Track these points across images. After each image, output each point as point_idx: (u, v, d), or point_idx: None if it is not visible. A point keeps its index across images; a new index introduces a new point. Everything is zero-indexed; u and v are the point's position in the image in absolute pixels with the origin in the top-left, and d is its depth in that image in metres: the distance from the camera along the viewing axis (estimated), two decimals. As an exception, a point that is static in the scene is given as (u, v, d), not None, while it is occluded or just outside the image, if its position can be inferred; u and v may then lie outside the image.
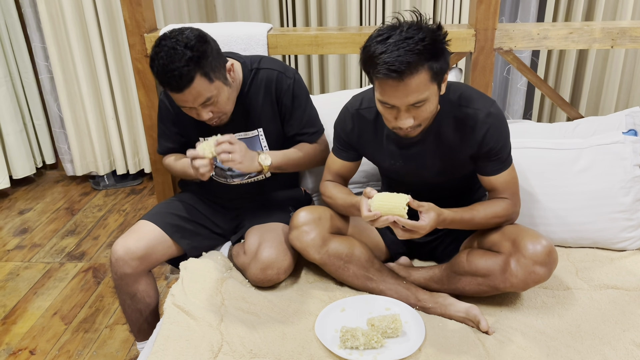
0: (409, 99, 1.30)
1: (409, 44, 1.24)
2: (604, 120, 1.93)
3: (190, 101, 1.49)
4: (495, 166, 1.48)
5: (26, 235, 2.83)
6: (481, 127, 1.43)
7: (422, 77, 1.27)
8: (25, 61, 3.23)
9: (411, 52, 1.24)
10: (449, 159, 1.50)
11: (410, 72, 1.25)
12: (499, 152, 1.46)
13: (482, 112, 1.43)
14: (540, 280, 1.40)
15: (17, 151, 3.23)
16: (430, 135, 1.48)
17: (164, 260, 1.74)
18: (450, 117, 1.46)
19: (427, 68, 1.27)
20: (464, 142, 1.46)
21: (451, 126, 1.46)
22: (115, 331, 2.12)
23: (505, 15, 2.89)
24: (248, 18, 2.96)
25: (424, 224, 1.36)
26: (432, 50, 1.26)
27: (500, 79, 3.05)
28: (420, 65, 1.25)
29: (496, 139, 1.44)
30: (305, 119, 1.73)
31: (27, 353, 2.02)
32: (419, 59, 1.25)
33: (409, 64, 1.24)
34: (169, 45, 1.43)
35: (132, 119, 3.25)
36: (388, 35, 1.27)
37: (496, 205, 1.49)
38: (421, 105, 1.32)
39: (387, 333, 1.38)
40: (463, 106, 1.45)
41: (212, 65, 1.47)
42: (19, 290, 2.38)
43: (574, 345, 1.36)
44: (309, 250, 1.54)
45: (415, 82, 1.27)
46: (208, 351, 1.34)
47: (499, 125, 1.44)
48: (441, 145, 1.49)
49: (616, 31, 1.90)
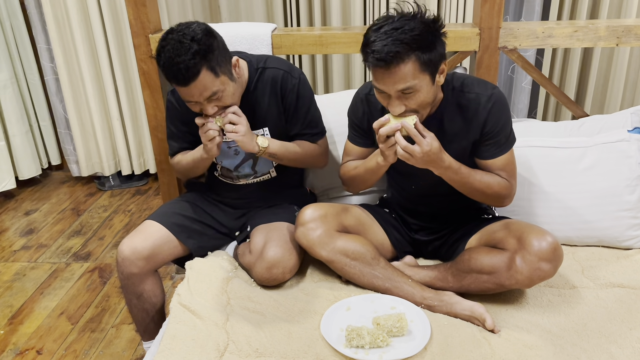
0: (396, 86, 1.34)
1: (398, 33, 1.29)
2: (609, 119, 1.93)
3: (196, 95, 1.48)
4: (494, 149, 1.51)
5: (32, 236, 2.85)
6: (483, 109, 1.47)
7: (410, 67, 1.31)
8: (30, 62, 3.24)
9: (398, 41, 1.29)
10: (453, 149, 1.50)
11: (397, 61, 1.30)
12: (498, 134, 1.48)
13: (483, 96, 1.47)
14: (546, 277, 1.40)
15: (23, 152, 3.25)
16: (434, 124, 1.49)
17: (170, 260, 1.74)
18: (454, 105, 1.49)
19: (414, 58, 1.30)
20: (468, 128, 1.49)
21: (455, 114, 1.49)
22: (122, 331, 2.13)
23: (509, 14, 2.89)
24: (252, 18, 2.97)
25: (425, 145, 1.37)
26: (420, 41, 1.30)
27: (504, 78, 3.04)
28: (406, 55, 1.30)
29: (497, 118, 1.47)
30: (308, 119, 1.73)
31: (34, 353, 2.03)
32: (406, 49, 1.29)
33: (396, 53, 1.29)
34: (176, 38, 1.43)
35: (137, 119, 3.26)
36: (381, 25, 1.32)
37: (493, 177, 1.52)
38: (411, 93, 1.35)
39: (392, 332, 1.37)
40: (465, 92, 1.49)
41: (218, 60, 1.47)
42: (25, 291, 2.39)
43: (580, 344, 1.35)
44: (315, 248, 1.55)
45: (403, 70, 1.31)
46: (214, 350, 1.34)
47: (500, 107, 1.48)
48: (445, 134, 1.50)
49: (621, 29, 1.90)
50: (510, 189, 1.55)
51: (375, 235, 1.67)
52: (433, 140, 1.39)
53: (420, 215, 1.70)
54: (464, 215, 1.67)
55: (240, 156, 1.75)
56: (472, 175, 1.49)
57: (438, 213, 1.67)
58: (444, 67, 1.40)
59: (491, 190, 1.51)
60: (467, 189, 1.52)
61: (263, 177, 1.79)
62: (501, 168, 1.53)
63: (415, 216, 1.71)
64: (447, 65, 1.41)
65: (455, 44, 1.94)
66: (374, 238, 1.65)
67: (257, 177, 1.79)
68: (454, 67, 2.01)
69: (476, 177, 1.50)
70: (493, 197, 1.53)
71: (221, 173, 1.80)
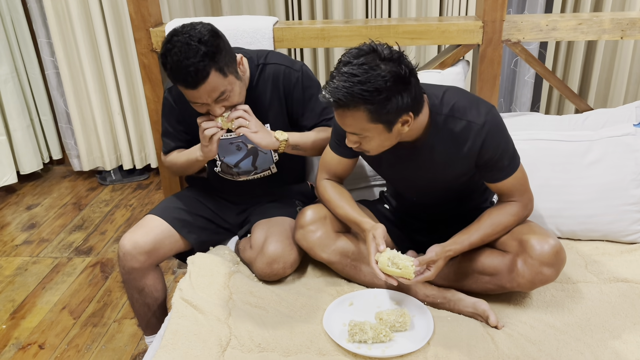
0: (346, 127, 1.31)
1: (354, 82, 1.22)
2: (614, 112, 1.91)
3: (205, 97, 1.46)
4: (498, 174, 1.43)
5: (34, 231, 2.84)
6: (476, 139, 1.38)
7: (358, 117, 1.26)
8: (31, 57, 3.23)
9: (348, 92, 1.22)
10: (449, 174, 1.47)
11: (343, 108, 1.25)
12: (499, 161, 1.41)
13: (476, 124, 1.37)
14: (548, 281, 1.39)
15: (24, 147, 3.24)
16: (425, 153, 1.44)
17: (171, 255, 1.74)
18: (445, 131, 1.40)
19: (362, 110, 1.24)
20: (462, 155, 1.41)
21: (446, 140, 1.41)
22: (124, 325, 2.13)
23: (512, 6, 2.87)
24: (253, 11, 2.95)
25: (430, 275, 1.38)
26: (373, 96, 1.22)
27: (507, 72, 3.02)
28: (353, 106, 1.24)
29: (494, 148, 1.39)
30: (321, 107, 1.69)
31: (36, 347, 2.03)
32: (355, 101, 1.23)
33: (344, 102, 1.23)
34: (182, 40, 1.40)
35: (138, 114, 3.25)
36: (348, 61, 1.24)
37: (503, 215, 1.45)
38: (363, 137, 1.32)
39: (395, 327, 1.37)
40: (457, 118, 1.39)
41: (225, 60, 1.45)
42: (27, 285, 2.39)
43: (583, 339, 1.35)
44: (316, 250, 1.54)
45: (351, 118, 1.27)
46: (216, 345, 1.34)
47: (495, 134, 1.39)
48: (437, 162, 1.45)
49: (626, 22, 1.88)
50: (525, 209, 1.47)
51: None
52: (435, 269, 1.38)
53: (421, 220, 1.68)
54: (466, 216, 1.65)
55: (242, 152, 1.74)
56: (483, 234, 1.43)
57: (440, 218, 1.65)
58: (408, 119, 1.30)
59: (509, 227, 1.46)
60: (486, 242, 1.47)
61: (264, 173, 1.78)
62: (508, 188, 1.45)
63: (416, 219, 1.69)
64: (412, 117, 1.30)
65: (458, 37, 1.92)
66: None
67: (257, 174, 1.78)
68: (456, 61, 2.00)
69: (487, 231, 1.44)
70: (515, 226, 1.47)
71: (221, 169, 1.79)
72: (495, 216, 1.45)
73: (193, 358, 1.30)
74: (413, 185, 1.57)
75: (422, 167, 1.48)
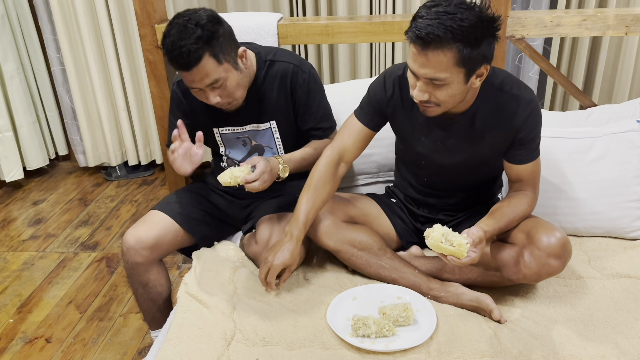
0: (425, 71, 1.27)
1: (447, 18, 1.20)
2: (617, 109, 1.91)
3: (197, 81, 1.48)
4: (526, 155, 1.45)
5: (40, 226, 2.87)
6: (523, 112, 1.41)
7: (446, 56, 1.23)
8: (37, 53, 3.24)
9: (443, 26, 1.20)
10: (486, 145, 1.48)
11: (435, 46, 1.22)
12: (532, 141, 1.44)
13: (523, 99, 1.41)
14: (554, 273, 1.39)
15: (31, 143, 3.26)
16: (466, 121, 1.45)
17: (174, 250, 1.75)
18: (490, 101, 1.43)
19: (455, 49, 1.22)
20: (501, 128, 1.43)
21: (489, 112, 1.43)
22: (129, 319, 2.14)
23: (517, 2, 2.86)
24: (258, 8, 2.95)
25: (476, 257, 1.30)
26: (467, 34, 1.21)
27: (511, 68, 3.02)
28: (446, 43, 1.21)
29: (533, 126, 1.43)
30: (320, 114, 1.71)
31: (43, 341, 2.05)
32: (448, 37, 1.20)
33: (437, 37, 1.21)
34: (181, 22, 1.43)
35: (143, 110, 3.26)
36: (436, 4, 1.25)
37: (521, 204, 1.46)
38: (440, 85, 1.28)
39: (398, 321, 1.38)
40: (505, 91, 1.42)
41: (222, 47, 1.46)
42: (34, 280, 2.41)
43: (586, 334, 1.35)
44: (323, 238, 1.55)
45: (437, 57, 1.23)
46: (221, 339, 1.35)
47: (537, 114, 1.43)
48: (476, 131, 1.46)
49: (630, 18, 1.87)
50: (534, 201, 1.49)
51: (381, 225, 1.67)
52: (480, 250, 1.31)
53: (428, 206, 1.69)
54: (472, 208, 1.66)
55: (247, 148, 1.75)
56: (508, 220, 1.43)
57: (447, 205, 1.66)
58: (484, 72, 1.31)
59: (524, 216, 1.47)
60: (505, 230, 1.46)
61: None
62: (527, 174, 1.47)
63: (423, 207, 1.70)
64: (487, 70, 1.32)
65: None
66: (379, 228, 1.65)
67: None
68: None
69: (511, 218, 1.44)
70: (525, 218, 1.48)
71: (227, 165, 1.80)
72: (515, 204, 1.46)
73: (198, 352, 1.32)
74: (433, 163, 1.55)
75: (457, 136, 1.47)
